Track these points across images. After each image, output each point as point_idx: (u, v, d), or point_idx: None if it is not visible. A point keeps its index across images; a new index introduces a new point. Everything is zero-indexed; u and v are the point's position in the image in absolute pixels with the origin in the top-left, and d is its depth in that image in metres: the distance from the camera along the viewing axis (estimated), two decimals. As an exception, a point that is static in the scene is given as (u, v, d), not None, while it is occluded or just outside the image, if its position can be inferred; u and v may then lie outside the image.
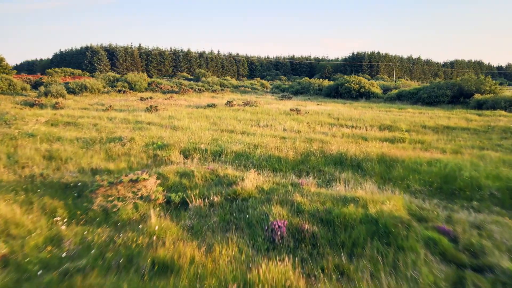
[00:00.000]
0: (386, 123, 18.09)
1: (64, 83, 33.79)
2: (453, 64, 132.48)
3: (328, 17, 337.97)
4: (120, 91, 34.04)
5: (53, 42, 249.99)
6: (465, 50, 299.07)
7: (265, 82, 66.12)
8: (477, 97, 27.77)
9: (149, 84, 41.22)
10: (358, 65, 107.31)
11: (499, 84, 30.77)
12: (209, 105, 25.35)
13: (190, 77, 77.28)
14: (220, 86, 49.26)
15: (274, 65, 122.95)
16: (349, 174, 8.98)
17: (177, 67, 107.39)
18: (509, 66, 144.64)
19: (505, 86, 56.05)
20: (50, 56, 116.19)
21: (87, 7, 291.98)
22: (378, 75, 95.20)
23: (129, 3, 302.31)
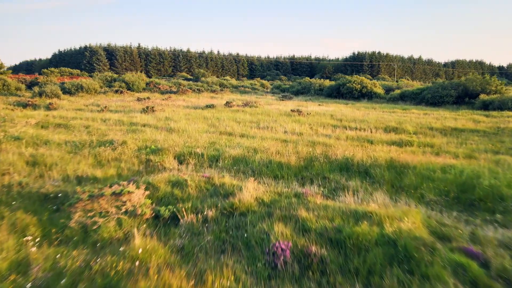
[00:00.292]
0: (391, 124, 17.39)
1: (60, 83, 33.08)
2: (454, 64, 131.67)
3: (328, 17, 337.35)
4: (117, 91, 33.34)
5: (52, 42, 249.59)
6: (466, 50, 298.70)
7: (265, 82, 65.36)
8: (482, 97, 27.05)
9: (147, 84, 40.51)
10: (358, 65, 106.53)
11: (505, 84, 29.96)
12: (207, 105, 24.66)
13: (189, 77, 76.54)
14: (220, 86, 48.53)
15: (274, 65, 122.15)
16: (357, 182, 8.27)
17: (177, 67, 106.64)
18: (510, 66, 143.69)
19: (510, 86, 55.22)
20: (49, 56, 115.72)
21: (87, 7, 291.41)
22: (379, 75, 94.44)
23: (129, 3, 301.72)
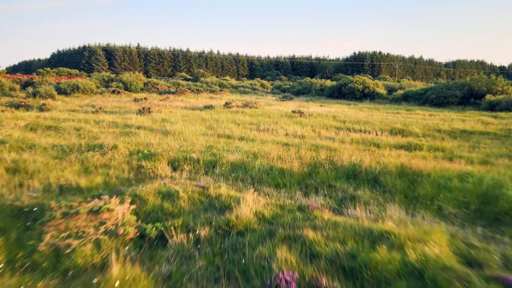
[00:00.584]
0: (397, 126, 16.67)
1: (56, 83, 32.37)
2: (455, 64, 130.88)
3: (329, 17, 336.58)
4: (114, 91, 32.60)
5: (52, 42, 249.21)
6: (467, 50, 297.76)
7: (265, 82, 64.59)
8: (489, 98, 26.33)
9: (145, 84, 39.77)
10: (359, 65, 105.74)
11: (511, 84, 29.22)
12: (206, 106, 23.93)
13: (189, 77, 75.79)
14: (219, 87, 47.79)
15: (275, 65, 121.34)
16: (366, 191, 7.56)
17: (176, 67, 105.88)
18: (511, 66, 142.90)
19: None
20: (48, 56, 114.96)
21: (87, 7, 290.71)
22: (380, 75, 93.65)
23: (128, 3, 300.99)
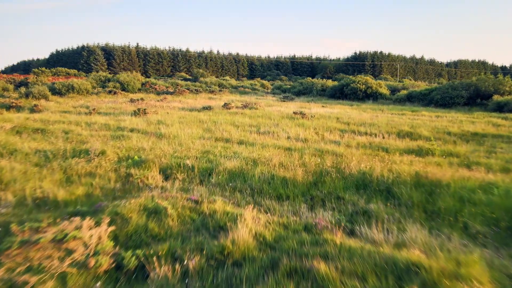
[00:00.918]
0: (404, 129, 15.86)
1: (51, 83, 31.57)
2: (456, 64, 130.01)
3: (329, 16, 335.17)
4: (110, 92, 31.80)
5: (52, 42, 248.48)
6: (468, 49, 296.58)
7: (265, 82, 63.77)
8: (496, 98, 25.53)
9: (143, 84, 38.95)
10: (360, 65, 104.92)
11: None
12: (204, 107, 23.13)
13: (188, 77, 74.93)
14: (219, 87, 46.98)
15: (275, 65, 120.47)
16: (379, 204, 6.74)
17: (176, 67, 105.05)
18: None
19: None
20: (47, 56, 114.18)
21: (86, 7, 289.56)
22: (381, 75, 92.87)
23: (128, 3, 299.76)
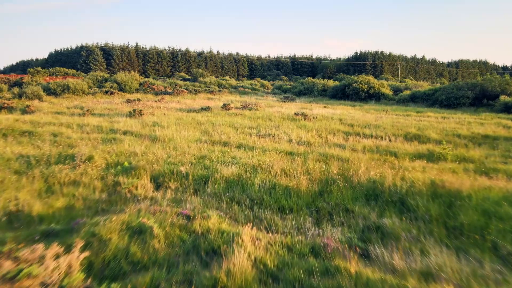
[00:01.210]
0: (412, 131, 15.13)
1: (46, 83, 30.85)
2: (458, 64, 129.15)
3: (330, 16, 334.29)
4: (107, 92, 31.07)
5: (51, 42, 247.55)
6: (469, 49, 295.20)
7: (265, 82, 63.06)
8: (504, 99, 24.77)
9: (140, 84, 38.22)
10: (361, 65, 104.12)
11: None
12: (203, 108, 22.41)
13: (188, 77, 74.20)
14: (218, 87, 46.26)
15: (275, 65, 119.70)
16: (393, 218, 6.01)
17: (175, 67, 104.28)
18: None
19: None
20: (46, 56, 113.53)
21: (86, 7, 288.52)
22: (382, 75, 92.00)
23: (128, 2, 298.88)
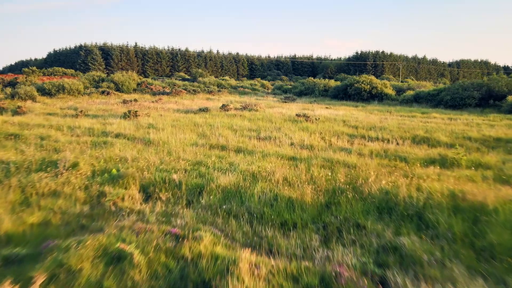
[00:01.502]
0: (419, 133, 14.42)
1: (42, 83, 30.15)
2: (459, 64, 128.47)
3: (330, 16, 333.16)
4: (103, 92, 30.37)
5: (51, 42, 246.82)
6: (470, 49, 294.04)
7: (265, 82, 62.32)
8: (511, 99, 24.06)
9: (138, 84, 37.50)
10: (362, 64, 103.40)
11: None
12: (201, 109, 21.70)
13: (187, 77, 73.45)
14: (218, 87, 45.54)
15: (275, 65, 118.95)
16: (412, 237, 5.29)
17: (175, 67, 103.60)
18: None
19: None
20: (45, 56, 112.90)
21: (85, 6, 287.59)
22: (383, 75, 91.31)
23: (127, 2, 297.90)
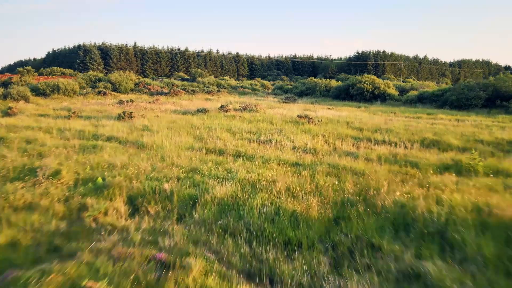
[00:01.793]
0: (428, 136, 13.66)
1: (37, 83, 29.43)
2: (460, 64, 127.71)
3: (330, 16, 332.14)
4: (100, 92, 29.65)
5: (49, 42, 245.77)
6: (471, 49, 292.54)
7: (266, 82, 61.57)
8: (519, 100, 23.37)
9: (136, 84, 36.79)
10: (363, 64, 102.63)
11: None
12: (199, 110, 20.95)
13: (186, 77, 72.70)
14: (217, 87, 44.81)
15: (276, 64, 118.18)
16: (436, 261, 4.56)
17: (174, 66, 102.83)
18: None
19: None
20: (44, 56, 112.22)
21: (86, 6, 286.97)
22: (384, 74, 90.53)
23: (127, 2, 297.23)
